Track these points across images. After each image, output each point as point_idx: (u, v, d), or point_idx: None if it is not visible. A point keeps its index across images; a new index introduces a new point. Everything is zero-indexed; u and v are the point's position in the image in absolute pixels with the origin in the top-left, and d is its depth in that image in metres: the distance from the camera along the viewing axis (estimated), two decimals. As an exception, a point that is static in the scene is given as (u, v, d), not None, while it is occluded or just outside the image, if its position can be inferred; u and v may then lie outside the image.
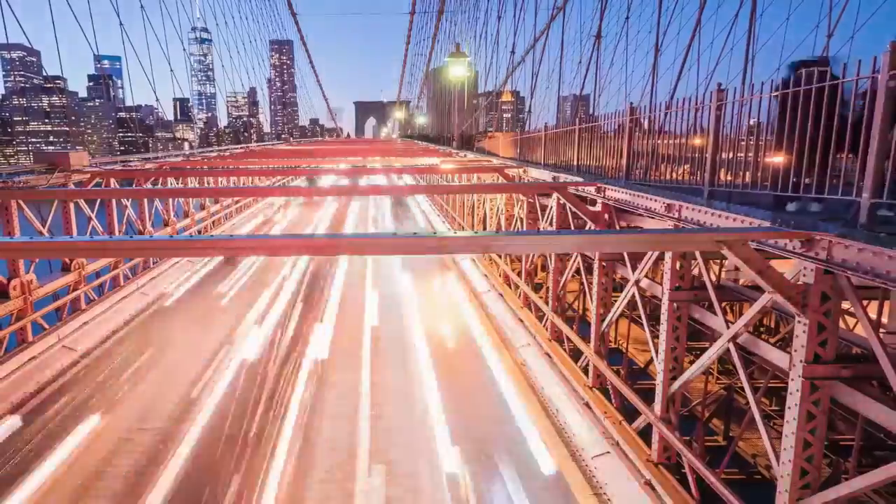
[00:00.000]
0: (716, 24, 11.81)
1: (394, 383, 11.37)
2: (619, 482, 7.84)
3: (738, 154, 6.15)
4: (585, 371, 10.42)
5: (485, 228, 20.93)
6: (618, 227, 9.52)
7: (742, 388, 7.89)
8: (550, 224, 12.61)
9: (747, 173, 5.88)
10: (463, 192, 26.04)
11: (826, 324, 4.98)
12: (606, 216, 9.75)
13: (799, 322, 5.06)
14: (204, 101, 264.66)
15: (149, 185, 18.88)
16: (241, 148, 46.04)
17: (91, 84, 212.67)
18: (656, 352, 7.87)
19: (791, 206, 5.51)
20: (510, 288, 16.41)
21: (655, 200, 7.73)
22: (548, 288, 13.06)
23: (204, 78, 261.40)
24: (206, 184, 22.67)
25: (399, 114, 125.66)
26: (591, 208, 10.30)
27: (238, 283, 19.33)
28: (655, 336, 7.94)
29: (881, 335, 4.71)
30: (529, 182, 14.83)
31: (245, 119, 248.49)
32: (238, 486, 8.04)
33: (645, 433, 8.11)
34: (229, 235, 11.73)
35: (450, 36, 51.86)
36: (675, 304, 7.42)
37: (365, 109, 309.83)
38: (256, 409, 10.22)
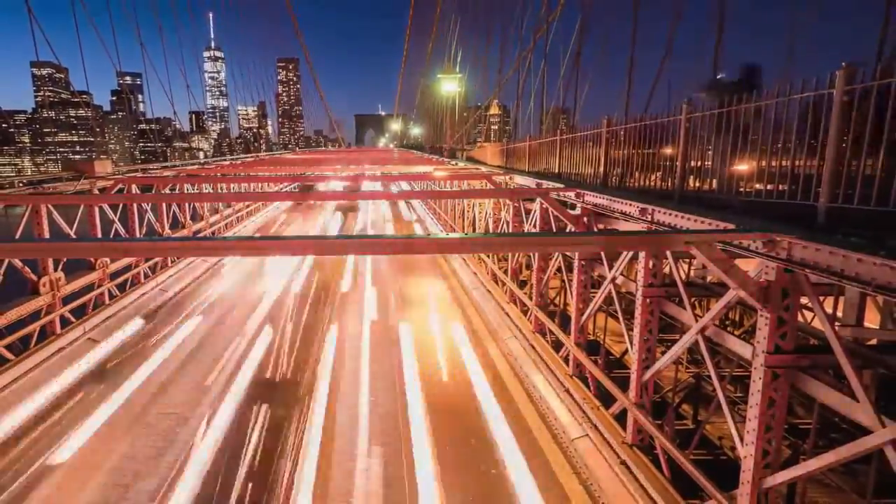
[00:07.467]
0: (685, 43, 11.78)
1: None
2: (596, 462, 7.81)
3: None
4: (566, 360, 10.38)
5: (474, 230, 20.87)
6: (596, 230, 9.49)
7: (709, 377, 7.86)
8: (534, 226, 12.56)
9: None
10: (454, 198, 25.96)
11: (786, 317, 4.96)
12: (585, 219, 9.71)
13: (761, 316, 5.04)
14: (217, 113, 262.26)
15: (167, 191, 18.71)
16: (251, 157, 45.84)
17: (114, 98, 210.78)
18: (631, 343, 7.85)
19: None
20: (497, 285, 16.37)
21: (630, 205, 7.70)
22: (532, 285, 13.03)
23: (217, 93, 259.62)
24: (220, 189, 22.48)
25: (395, 126, 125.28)
26: (571, 212, 10.26)
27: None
28: (630, 329, 7.91)
29: (836, 328, 4.70)
30: (515, 188, 14.78)
31: (255, 130, 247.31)
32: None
33: (620, 417, 8.08)
34: (242, 237, 11.62)
35: (442, 55, 51.60)
36: (648, 300, 7.40)
37: (364, 122, 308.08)
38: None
